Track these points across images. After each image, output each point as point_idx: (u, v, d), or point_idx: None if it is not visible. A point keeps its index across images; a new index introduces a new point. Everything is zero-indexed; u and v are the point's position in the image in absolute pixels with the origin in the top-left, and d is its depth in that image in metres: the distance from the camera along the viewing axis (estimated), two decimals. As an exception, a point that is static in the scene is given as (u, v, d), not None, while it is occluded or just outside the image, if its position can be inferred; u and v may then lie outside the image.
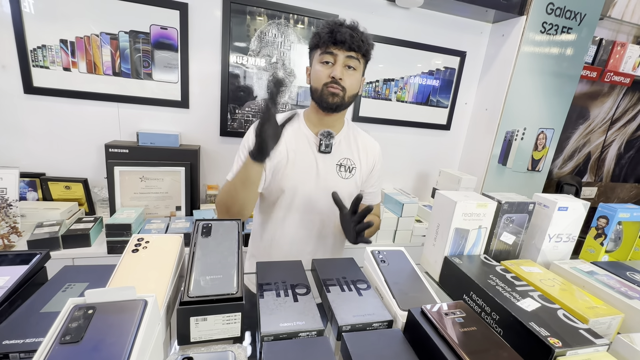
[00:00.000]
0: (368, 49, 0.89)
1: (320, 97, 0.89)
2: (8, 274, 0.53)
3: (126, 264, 0.54)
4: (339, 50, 0.86)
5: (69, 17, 1.38)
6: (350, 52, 0.86)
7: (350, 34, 0.84)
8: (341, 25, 0.86)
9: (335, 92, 0.87)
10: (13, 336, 0.43)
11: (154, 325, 0.42)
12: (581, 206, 0.76)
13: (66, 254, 1.25)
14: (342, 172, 0.97)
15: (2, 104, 1.40)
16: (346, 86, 0.88)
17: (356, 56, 0.87)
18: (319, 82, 0.89)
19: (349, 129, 1.02)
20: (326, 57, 0.87)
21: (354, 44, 0.85)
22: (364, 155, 1.01)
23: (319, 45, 0.88)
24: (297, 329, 0.49)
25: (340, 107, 0.91)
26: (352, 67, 0.88)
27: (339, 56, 0.86)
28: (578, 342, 0.47)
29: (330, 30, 0.85)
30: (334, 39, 0.84)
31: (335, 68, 0.86)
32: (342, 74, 0.86)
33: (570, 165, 2.50)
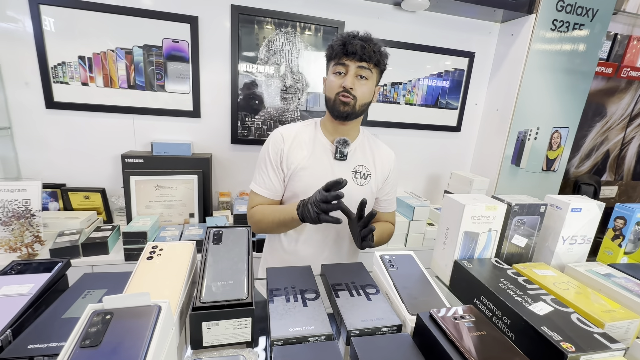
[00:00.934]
0: (380, 59, 0.91)
1: (332, 106, 0.93)
2: (32, 282, 0.56)
3: (141, 271, 0.56)
4: (351, 61, 0.88)
5: (86, 34, 1.44)
6: (362, 62, 0.88)
7: (362, 45, 0.87)
8: (354, 37, 0.89)
9: (345, 101, 0.90)
10: (37, 340, 0.45)
11: (168, 330, 0.43)
12: (596, 207, 0.74)
13: (86, 262, 1.29)
14: (358, 179, 0.99)
15: (26, 119, 1.48)
16: (357, 95, 0.90)
17: (367, 66, 0.89)
18: (332, 91, 0.92)
19: (365, 137, 1.05)
20: (338, 68, 0.90)
21: (365, 54, 0.87)
22: (379, 163, 1.03)
23: (333, 57, 0.91)
24: (306, 333, 0.50)
25: (351, 116, 0.93)
26: (364, 76, 0.90)
27: (351, 67, 0.89)
28: (592, 346, 0.46)
29: (343, 43, 0.88)
30: (346, 51, 0.87)
31: (346, 78, 0.89)
32: (352, 84, 0.89)
33: (588, 164, 2.42)
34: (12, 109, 1.46)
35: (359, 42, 0.87)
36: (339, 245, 1.04)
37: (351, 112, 0.92)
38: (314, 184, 0.94)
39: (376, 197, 1.06)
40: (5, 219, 1.26)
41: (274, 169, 0.98)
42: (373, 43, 0.89)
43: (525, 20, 1.75)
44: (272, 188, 0.98)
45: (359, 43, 0.87)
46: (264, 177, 0.99)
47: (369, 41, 0.89)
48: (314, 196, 0.80)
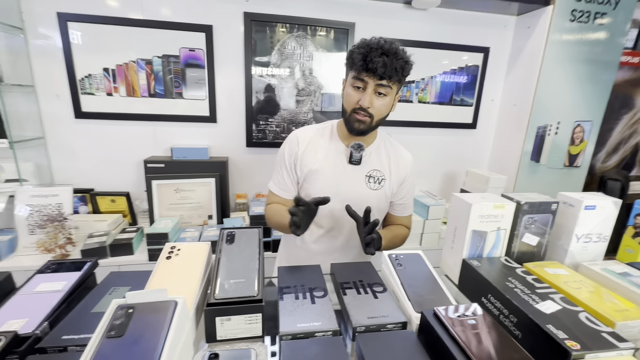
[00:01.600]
0: (402, 78, 0.87)
1: (348, 119, 0.91)
2: (65, 279, 0.62)
3: (161, 270, 0.60)
4: (370, 77, 0.84)
5: (110, 47, 1.53)
6: (382, 80, 0.84)
7: (384, 62, 0.81)
8: (377, 49, 0.81)
9: (361, 120, 0.88)
10: (70, 332, 0.50)
11: (184, 323, 0.47)
12: (611, 204, 0.72)
13: (113, 262, 1.37)
14: (371, 184, 0.98)
15: (57, 129, 1.59)
16: (374, 113, 0.88)
17: (387, 83, 0.85)
18: (349, 105, 0.90)
19: (382, 141, 1.03)
20: (357, 82, 0.86)
21: (385, 73, 0.82)
22: (395, 167, 1.01)
23: (352, 68, 0.87)
24: (314, 329, 0.53)
25: (366, 132, 0.92)
26: (383, 93, 0.87)
27: (370, 83, 0.84)
28: (598, 345, 0.46)
29: (364, 57, 0.82)
30: (366, 67, 0.82)
31: (364, 96, 0.85)
32: (370, 103, 0.86)
33: (615, 158, 2.31)
34: (45, 120, 1.57)
35: (381, 58, 0.81)
36: (351, 250, 1.04)
37: (366, 129, 0.91)
38: (328, 187, 0.96)
39: (391, 200, 1.05)
40: (41, 222, 1.36)
41: (287, 171, 1.00)
42: (397, 58, 0.83)
43: (542, 12, 1.70)
44: (285, 188, 1.01)
45: (381, 60, 0.80)
46: (279, 178, 1.01)
47: (393, 56, 0.82)
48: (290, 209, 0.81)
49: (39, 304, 0.55)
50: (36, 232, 1.37)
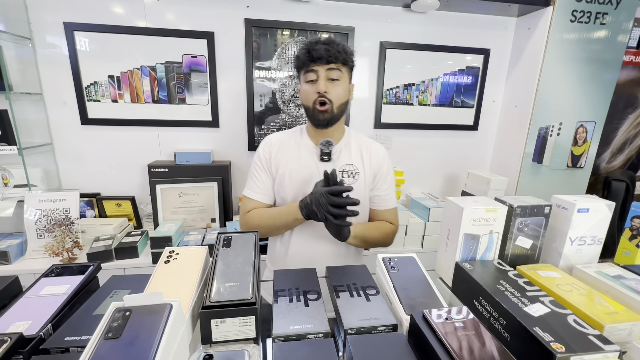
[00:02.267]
0: (347, 58, 0.94)
1: (312, 115, 0.96)
2: (69, 283, 0.64)
3: (160, 273, 0.63)
4: (319, 65, 0.91)
5: (115, 55, 1.58)
6: (330, 64, 0.91)
7: (326, 48, 0.90)
8: (317, 42, 0.92)
9: (323, 110, 0.93)
10: (72, 334, 0.52)
11: (179, 326, 0.49)
12: (604, 207, 0.73)
13: (118, 265, 1.41)
14: (345, 179, 1.00)
15: (65, 136, 1.63)
16: (332, 98, 0.93)
17: (336, 67, 0.92)
18: (309, 100, 0.95)
19: (350, 137, 1.06)
20: (309, 75, 0.93)
21: (331, 56, 0.90)
22: (367, 159, 1.03)
23: (301, 66, 0.95)
24: (306, 331, 0.54)
25: (332, 121, 0.96)
26: (336, 78, 0.93)
27: (320, 71, 0.92)
28: (583, 347, 0.46)
29: (307, 50, 0.92)
30: (312, 57, 0.90)
31: (318, 83, 0.92)
32: (326, 87, 0.92)
33: (621, 159, 2.28)
34: (52, 127, 1.61)
35: (322, 46, 0.90)
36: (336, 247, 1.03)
37: (330, 117, 0.95)
38: (302, 186, 0.98)
39: (370, 195, 1.06)
40: (49, 227, 1.40)
41: (265, 171, 1.02)
42: (336, 44, 0.92)
43: (542, 13, 1.69)
44: (265, 191, 1.02)
45: (323, 47, 0.90)
46: (257, 182, 1.02)
47: (332, 43, 0.92)
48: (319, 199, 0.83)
49: (43, 307, 0.57)
50: (44, 236, 1.41)
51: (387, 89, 1.88)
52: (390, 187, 1.07)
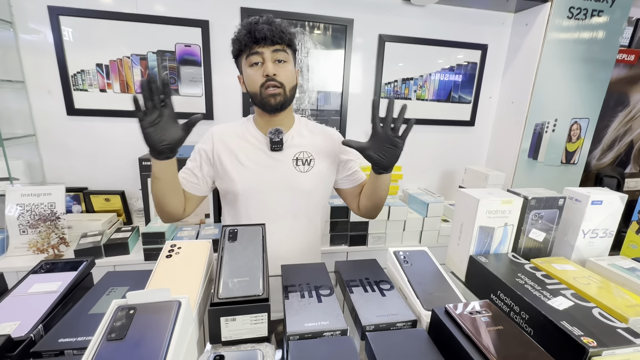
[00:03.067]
0: (291, 38, 0.88)
1: (261, 100, 0.88)
2: (60, 280, 0.59)
3: (161, 269, 0.58)
4: (264, 47, 0.83)
5: (103, 42, 1.50)
6: (275, 45, 0.84)
7: (269, 28, 0.82)
8: (257, 23, 0.83)
9: (274, 93, 0.86)
10: (67, 335, 0.47)
11: (188, 324, 0.45)
12: (617, 199, 0.72)
13: (108, 262, 1.34)
14: (300, 166, 0.95)
15: (49, 126, 1.54)
16: (283, 81, 0.86)
17: (282, 48, 0.85)
18: (255, 85, 0.87)
19: (301, 124, 1.01)
20: (253, 58, 0.85)
21: (275, 36, 0.83)
22: (322, 144, 0.99)
23: (243, 49, 0.86)
24: (322, 328, 0.51)
25: (285, 105, 0.89)
26: (282, 60, 0.86)
27: (266, 53, 0.84)
28: (615, 341, 0.45)
29: (248, 31, 0.83)
30: (255, 38, 0.82)
31: (265, 66, 0.84)
32: (275, 70, 0.85)
33: (611, 155, 2.33)
34: (36, 117, 1.52)
35: (264, 25, 0.82)
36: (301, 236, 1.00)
37: (284, 101, 0.88)
38: (255, 179, 0.92)
39: (339, 176, 1.03)
40: (33, 222, 1.32)
41: (199, 162, 0.95)
42: (277, 24, 0.85)
43: (540, 9, 1.70)
44: (192, 181, 0.95)
45: (265, 27, 0.82)
46: (189, 169, 0.96)
47: (273, 23, 0.84)
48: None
49: (33, 306, 0.52)
50: (28, 232, 1.33)
51: (385, 83, 1.85)
52: (356, 163, 1.04)
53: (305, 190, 0.95)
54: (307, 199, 0.97)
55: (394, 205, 1.60)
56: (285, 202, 0.95)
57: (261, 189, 0.93)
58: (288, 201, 0.95)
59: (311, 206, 0.99)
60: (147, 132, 0.73)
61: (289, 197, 0.94)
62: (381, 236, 1.64)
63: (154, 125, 0.72)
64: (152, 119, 0.71)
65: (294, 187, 0.94)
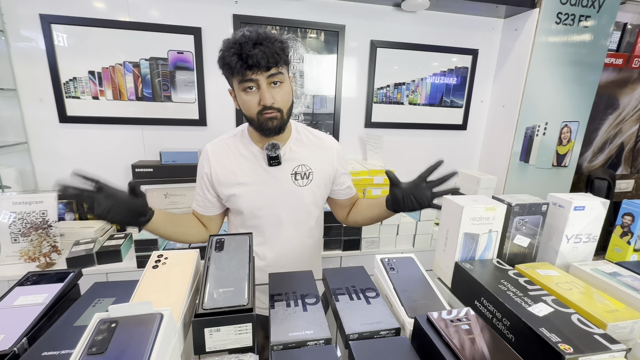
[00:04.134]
0: (286, 57, 0.80)
1: (259, 125, 0.83)
2: (46, 292, 0.59)
3: (147, 280, 0.58)
4: (257, 74, 0.76)
5: (95, 49, 1.50)
6: (270, 70, 0.77)
7: (261, 52, 0.73)
8: (247, 43, 0.74)
9: (272, 117, 0.81)
10: (51, 348, 0.48)
11: (171, 336, 0.45)
12: (600, 204, 0.73)
13: (100, 270, 1.34)
14: (299, 180, 0.94)
15: (41, 134, 1.54)
16: (281, 106, 0.82)
17: (277, 71, 0.78)
18: (251, 111, 0.82)
19: (299, 134, 0.97)
20: (247, 84, 0.78)
21: (270, 61, 0.75)
22: (321, 156, 0.97)
23: (233, 74, 0.78)
24: (305, 338, 0.51)
25: (283, 127, 0.86)
26: (278, 81, 0.80)
27: (261, 80, 0.77)
28: (591, 347, 0.46)
29: (239, 56, 0.74)
30: (247, 64, 0.74)
31: (262, 94, 0.78)
32: (272, 97, 0.79)
33: (602, 158, 2.36)
34: (28, 124, 1.52)
35: (258, 49, 0.73)
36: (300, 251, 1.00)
37: (281, 124, 0.84)
38: (254, 197, 0.91)
39: (334, 188, 1.03)
40: (24, 230, 1.32)
41: (204, 187, 0.95)
42: (271, 42, 0.75)
43: (529, 15, 1.72)
44: (208, 205, 0.97)
45: (259, 51, 0.73)
46: (200, 197, 0.97)
47: (267, 42, 0.75)
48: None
49: (17, 319, 0.52)
50: (19, 240, 1.33)
51: (378, 88, 1.87)
52: (349, 177, 1.07)
53: (306, 203, 0.96)
54: (307, 211, 0.97)
55: (386, 210, 1.60)
56: (286, 215, 0.96)
57: (261, 204, 0.93)
58: (289, 214, 0.96)
59: (311, 217, 1.00)
60: (110, 219, 0.74)
61: (289, 211, 0.95)
62: (375, 240, 1.64)
63: (109, 211, 0.72)
64: (103, 208, 0.71)
65: (294, 201, 0.94)
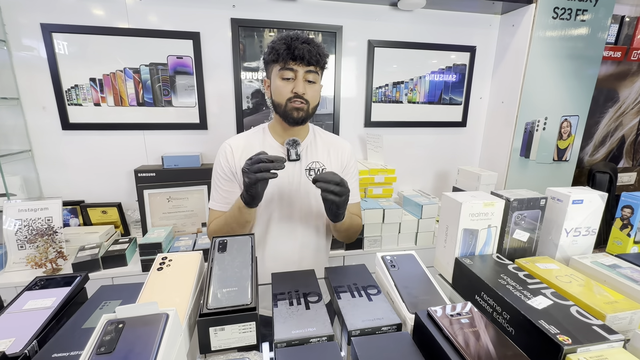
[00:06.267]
0: (325, 62, 0.91)
1: (284, 112, 0.91)
2: (54, 296, 0.61)
3: (152, 282, 0.60)
4: (299, 65, 0.87)
5: (96, 57, 1.52)
6: (310, 66, 0.87)
7: (308, 49, 0.85)
8: (297, 39, 0.86)
9: (299, 107, 0.89)
10: (60, 350, 0.49)
11: (176, 336, 0.46)
12: (598, 197, 0.74)
13: (106, 274, 1.35)
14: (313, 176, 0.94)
15: (45, 141, 1.56)
16: (309, 99, 0.90)
17: (315, 70, 0.89)
18: (282, 97, 0.90)
19: (315, 134, 1.04)
20: (286, 73, 0.87)
21: (312, 58, 0.86)
22: (334, 156, 1.03)
23: (277, 60, 0.87)
24: (308, 335, 0.52)
25: (305, 120, 0.93)
26: (312, 80, 0.90)
27: (299, 72, 0.87)
28: (589, 338, 0.46)
29: (288, 46, 0.85)
30: (293, 55, 0.85)
31: (297, 84, 0.88)
32: (304, 89, 0.88)
33: (603, 151, 2.35)
34: (31, 133, 1.54)
35: (305, 45, 0.85)
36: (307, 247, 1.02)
37: (305, 116, 0.91)
38: (271, 190, 0.94)
39: None
40: (30, 237, 1.33)
41: (228, 181, 0.97)
42: (316, 45, 0.88)
43: (526, 10, 1.72)
44: (228, 201, 0.97)
45: (306, 47, 0.85)
46: (220, 192, 0.98)
47: (313, 43, 0.87)
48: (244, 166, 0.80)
49: (27, 322, 0.54)
50: (26, 247, 1.34)
51: (376, 88, 1.88)
52: (356, 182, 1.08)
53: (317, 200, 0.97)
54: (318, 207, 0.99)
55: (388, 208, 1.61)
56: (298, 210, 0.99)
57: (276, 197, 0.97)
58: (301, 209, 0.99)
59: (322, 214, 1.01)
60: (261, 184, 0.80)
61: (302, 206, 0.98)
62: (377, 239, 1.65)
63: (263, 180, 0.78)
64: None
65: (306, 196, 0.97)
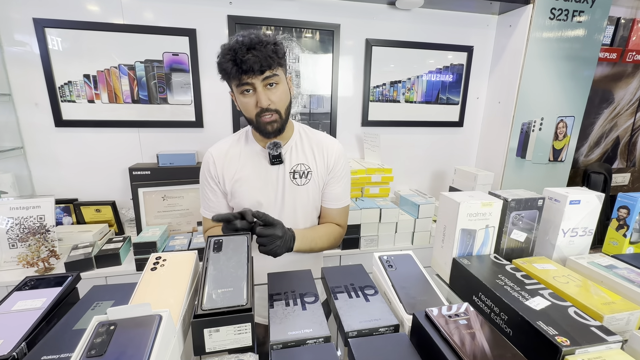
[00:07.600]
0: (280, 59, 0.82)
1: (258, 127, 0.87)
2: (45, 296, 0.59)
3: (146, 282, 0.58)
4: (252, 78, 0.80)
5: (90, 53, 1.50)
6: (264, 74, 0.80)
7: (254, 57, 0.77)
8: (242, 47, 0.77)
9: (270, 121, 0.85)
10: (50, 352, 0.48)
11: (170, 338, 0.45)
12: (595, 198, 0.74)
13: (99, 273, 1.33)
14: (297, 179, 0.95)
15: (37, 138, 1.54)
16: (277, 107, 0.85)
17: (272, 73, 0.81)
18: (250, 113, 0.85)
19: (301, 134, 0.99)
20: (244, 87, 0.82)
21: (263, 65, 0.78)
22: (320, 156, 0.97)
23: (230, 79, 0.83)
24: (305, 336, 0.52)
25: (282, 129, 0.89)
26: (274, 83, 0.83)
27: (256, 83, 0.80)
28: (588, 340, 0.46)
29: (234, 61, 0.78)
30: (242, 70, 0.78)
31: (258, 97, 0.82)
32: (267, 99, 0.82)
33: (598, 152, 2.37)
34: (23, 129, 1.52)
35: (251, 55, 0.76)
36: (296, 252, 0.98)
37: (281, 126, 0.87)
38: (255, 195, 0.94)
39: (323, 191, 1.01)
40: (22, 235, 1.31)
41: (212, 190, 0.97)
42: (264, 46, 0.78)
43: (523, 11, 1.73)
44: (217, 210, 0.98)
45: (251, 56, 0.76)
46: (208, 202, 0.98)
47: (259, 45, 0.78)
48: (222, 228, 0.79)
49: (16, 324, 0.52)
50: (17, 246, 1.32)
51: (374, 87, 1.87)
52: (346, 185, 1.02)
53: (303, 203, 0.97)
54: (305, 210, 0.98)
55: (385, 208, 1.61)
56: (285, 213, 0.97)
57: (261, 202, 0.95)
58: (288, 213, 0.97)
59: (309, 215, 1.00)
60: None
61: (288, 209, 0.96)
62: (373, 239, 1.65)
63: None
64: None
65: (292, 200, 0.96)
